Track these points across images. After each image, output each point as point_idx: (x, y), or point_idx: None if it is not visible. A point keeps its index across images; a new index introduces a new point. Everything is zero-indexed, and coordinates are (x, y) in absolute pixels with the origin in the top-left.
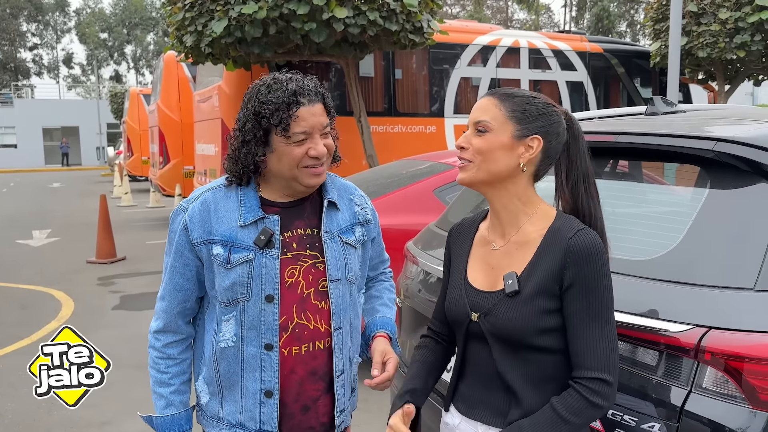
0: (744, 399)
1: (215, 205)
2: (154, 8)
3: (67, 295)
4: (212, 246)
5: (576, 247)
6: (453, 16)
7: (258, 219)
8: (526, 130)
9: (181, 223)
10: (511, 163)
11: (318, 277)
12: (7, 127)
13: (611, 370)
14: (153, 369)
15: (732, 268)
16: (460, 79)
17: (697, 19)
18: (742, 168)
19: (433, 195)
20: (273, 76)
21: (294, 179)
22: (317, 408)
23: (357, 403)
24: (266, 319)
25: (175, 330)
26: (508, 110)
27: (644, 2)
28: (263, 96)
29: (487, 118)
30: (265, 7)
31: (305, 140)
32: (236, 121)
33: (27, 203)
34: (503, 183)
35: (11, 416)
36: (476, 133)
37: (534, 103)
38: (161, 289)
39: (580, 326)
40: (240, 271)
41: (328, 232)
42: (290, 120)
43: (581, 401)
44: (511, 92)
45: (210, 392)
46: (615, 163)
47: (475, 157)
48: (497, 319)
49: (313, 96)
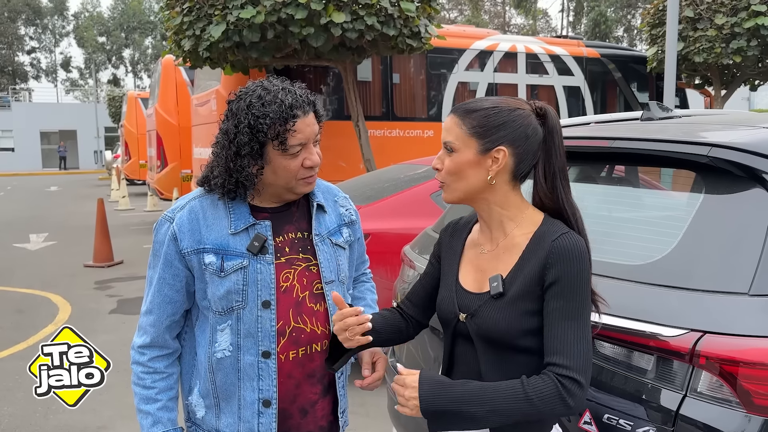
0: (739, 403)
1: (203, 213)
2: (152, 12)
3: (64, 299)
4: (203, 255)
5: (558, 248)
6: (451, 21)
7: (249, 226)
8: (490, 143)
9: (168, 233)
10: (481, 178)
11: (312, 279)
12: (4, 130)
13: (585, 373)
14: (138, 386)
15: (727, 272)
16: (458, 83)
17: (693, 25)
18: (737, 173)
19: (430, 199)
20: (262, 85)
21: (289, 190)
22: (315, 412)
23: (355, 408)
24: (263, 326)
25: (162, 345)
26: (468, 127)
27: (641, 7)
28: (257, 109)
29: (451, 139)
30: (263, 11)
31: (300, 151)
32: (224, 132)
33: (24, 207)
34: (481, 195)
35: (8, 420)
36: (446, 153)
37: (493, 114)
38: (147, 303)
39: (557, 324)
40: (235, 278)
41: (318, 235)
42: (287, 134)
43: (553, 389)
44: (471, 107)
45: (206, 405)
46: (611, 168)
47: (446, 178)
48: (482, 320)
49: (306, 106)
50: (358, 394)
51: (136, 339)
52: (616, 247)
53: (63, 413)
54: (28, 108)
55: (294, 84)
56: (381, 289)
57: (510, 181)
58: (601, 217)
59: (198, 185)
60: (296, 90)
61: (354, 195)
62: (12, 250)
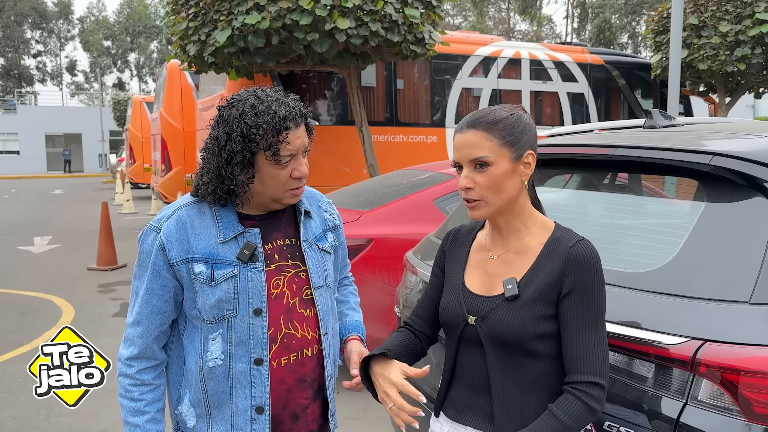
0: (739, 412)
1: (191, 222)
2: (158, 17)
3: (67, 302)
4: (193, 264)
5: (576, 256)
6: (455, 27)
7: (238, 234)
8: (520, 149)
9: (156, 244)
10: (517, 186)
11: (301, 285)
12: (10, 133)
13: (604, 375)
14: (125, 398)
15: (728, 281)
16: (462, 89)
17: (697, 32)
18: (739, 182)
19: (434, 205)
20: (255, 95)
21: (276, 200)
22: (306, 416)
23: (357, 413)
24: (255, 333)
25: (150, 356)
26: (498, 138)
27: (646, 14)
28: (250, 119)
29: (485, 153)
30: (269, 17)
31: (290, 161)
32: (214, 139)
33: (29, 210)
34: (513, 204)
35: (10, 423)
36: (476, 170)
37: (515, 121)
38: (134, 314)
39: (576, 332)
40: (226, 287)
41: (306, 241)
42: (280, 145)
43: (580, 406)
44: (492, 119)
45: (197, 414)
46: (613, 175)
47: (484, 194)
48: (495, 323)
49: (298, 119)
50: (360, 399)
51: (122, 351)
52: (618, 254)
53: (65, 416)
54: (33, 111)
55: (287, 95)
56: (383, 294)
57: (526, 185)
58: (604, 225)
59: (192, 195)
60: (289, 101)
61: (357, 200)
62: (16, 253)
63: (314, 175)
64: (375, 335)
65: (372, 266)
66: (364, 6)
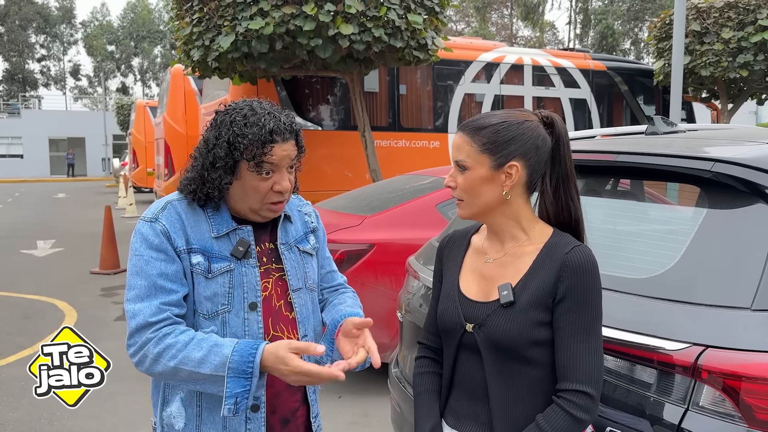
0: (741, 418)
1: (185, 214)
2: (161, 22)
3: (70, 306)
4: (192, 255)
5: (572, 262)
6: (458, 33)
7: (231, 230)
8: (502, 159)
9: (159, 229)
10: (496, 194)
11: (285, 289)
12: (14, 137)
13: (595, 384)
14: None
15: (729, 287)
16: (464, 95)
17: (700, 39)
18: (740, 188)
19: (436, 210)
20: (250, 106)
21: (254, 212)
22: (296, 419)
23: (359, 418)
24: (250, 328)
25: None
26: (479, 144)
27: (648, 21)
28: (239, 128)
29: (463, 157)
30: (272, 23)
31: (272, 174)
32: (205, 140)
33: (32, 213)
34: (497, 210)
35: (13, 426)
36: (459, 171)
37: (502, 129)
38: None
39: (568, 339)
40: (222, 281)
41: (284, 244)
42: (263, 157)
43: (566, 418)
44: (479, 124)
45: (187, 416)
46: (615, 181)
47: (462, 195)
48: (492, 330)
49: (287, 134)
50: (362, 405)
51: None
52: (620, 260)
53: (67, 419)
54: (37, 115)
55: (283, 112)
56: (385, 299)
57: (523, 193)
58: (606, 231)
59: (179, 192)
60: (282, 117)
61: (359, 205)
62: (19, 257)
63: (317, 180)
64: (378, 340)
65: (374, 271)
66: (367, 12)
